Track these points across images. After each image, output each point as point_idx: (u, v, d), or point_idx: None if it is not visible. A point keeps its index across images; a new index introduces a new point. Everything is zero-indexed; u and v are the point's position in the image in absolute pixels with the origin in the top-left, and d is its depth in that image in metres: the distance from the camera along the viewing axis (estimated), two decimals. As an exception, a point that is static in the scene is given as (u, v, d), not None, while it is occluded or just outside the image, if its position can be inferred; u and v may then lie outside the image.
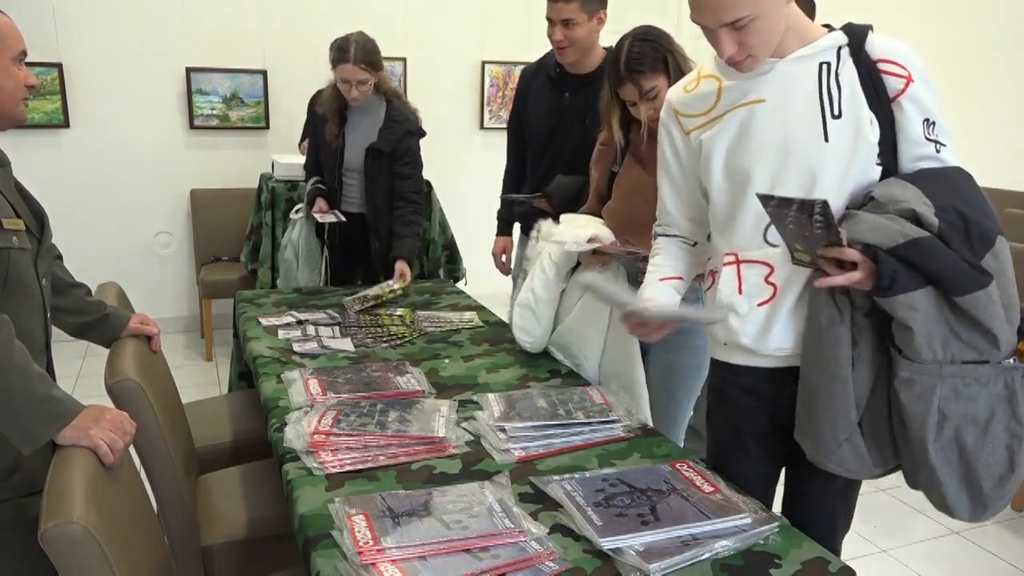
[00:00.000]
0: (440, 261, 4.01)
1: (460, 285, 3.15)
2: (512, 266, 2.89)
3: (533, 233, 2.22)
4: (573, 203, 2.38)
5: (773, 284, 1.43)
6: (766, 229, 1.42)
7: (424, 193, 3.91)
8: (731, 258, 1.47)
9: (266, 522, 1.82)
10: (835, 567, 1.25)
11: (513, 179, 2.86)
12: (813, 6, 2.70)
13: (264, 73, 4.46)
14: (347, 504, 1.33)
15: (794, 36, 1.37)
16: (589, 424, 1.70)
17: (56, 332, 1.65)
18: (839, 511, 1.58)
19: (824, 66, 1.37)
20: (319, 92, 4.22)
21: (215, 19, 4.34)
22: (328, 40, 4.16)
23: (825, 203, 1.21)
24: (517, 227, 2.87)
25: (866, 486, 1.57)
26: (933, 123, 1.37)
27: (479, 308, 2.65)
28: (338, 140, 2.96)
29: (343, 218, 2.97)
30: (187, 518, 1.73)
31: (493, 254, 2.94)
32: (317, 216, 2.98)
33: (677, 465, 1.53)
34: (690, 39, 2.05)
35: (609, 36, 2.27)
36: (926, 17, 4.45)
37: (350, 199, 3.04)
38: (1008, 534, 2.74)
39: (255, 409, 2.29)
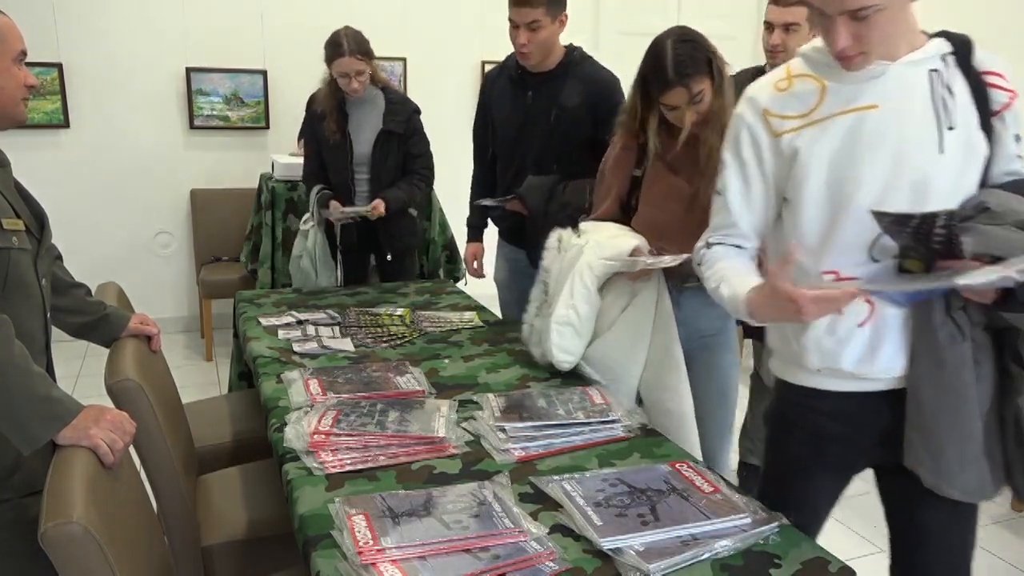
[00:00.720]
0: (440, 261, 4.01)
1: (460, 285, 3.15)
2: (495, 271, 2.84)
3: (552, 243, 2.10)
4: (547, 203, 2.37)
5: (870, 301, 1.33)
6: (872, 244, 1.31)
7: (424, 194, 3.92)
8: (831, 277, 1.34)
9: (266, 522, 1.82)
10: (835, 567, 1.25)
11: (481, 184, 2.84)
12: None
13: (264, 73, 4.46)
14: (347, 504, 1.33)
15: (906, 39, 1.30)
16: (589, 424, 1.70)
17: (56, 332, 1.65)
18: (970, 540, 1.47)
19: (934, 74, 1.29)
20: (316, 94, 4.24)
21: (215, 19, 4.34)
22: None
23: (951, 214, 1.15)
24: (488, 231, 2.87)
25: (866, 486, 1.56)
26: (1019, 137, 1.33)
27: (479, 308, 2.65)
28: (336, 136, 2.97)
29: (363, 211, 2.96)
30: (187, 518, 1.73)
31: (464, 260, 2.93)
32: (336, 218, 2.98)
33: (677, 465, 1.53)
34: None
35: (615, 36, 2.27)
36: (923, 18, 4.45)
37: (363, 195, 3.06)
38: (1008, 534, 2.74)
39: (255, 409, 2.29)
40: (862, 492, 1.59)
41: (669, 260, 1.82)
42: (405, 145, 3.02)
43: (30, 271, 1.48)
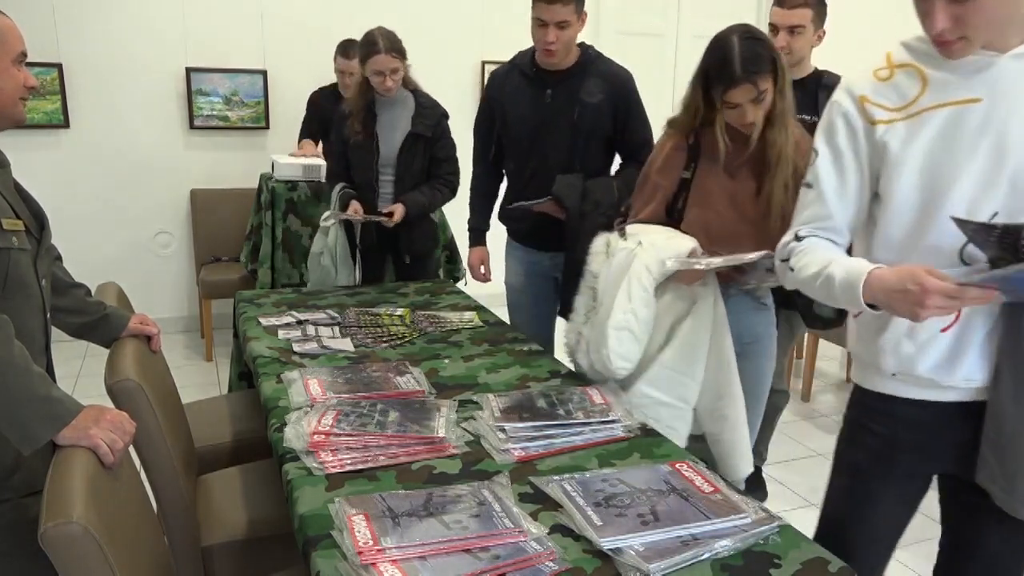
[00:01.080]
0: (440, 261, 4.01)
1: (460, 285, 3.14)
2: (506, 274, 2.79)
3: (598, 247, 2.02)
4: (581, 202, 2.36)
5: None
6: (963, 247, 1.24)
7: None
8: None
9: (266, 522, 1.82)
10: (835, 567, 1.25)
11: (485, 185, 2.80)
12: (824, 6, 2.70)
13: (264, 73, 4.46)
14: (347, 504, 1.33)
15: (1018, 29, 1.20)
16: (589, 424, 1.70)
17: (56, 332, 1.65)
18: (1023, 560, 1.42)
19: None
20: (319, 90, 4.25)
21: (215, 19, 4.34)
22: (328, 40, 4.18)
23: None
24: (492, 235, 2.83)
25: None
26: None
27: (479, 308, 2.65)
28: (360, 136, 2.97)
29: (379, 219, 2.97)
30: (187, 518, 1.73)
31: (470, 265, 2.87)
32: (354, 219, 3.00)
33: (677, 465, 1.53)
34: (690, 39, 2.06)
35: (615, 36, 2.26)
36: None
37: (388, 196, 3.05)
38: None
39: (255, 409, 2.29)
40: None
41: (752, 257, 1.77)
42: (432, 149, 3.01)
43: (30, 271, 1.48)
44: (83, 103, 4.18)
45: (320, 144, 4.32)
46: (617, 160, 2.66)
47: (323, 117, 4.27)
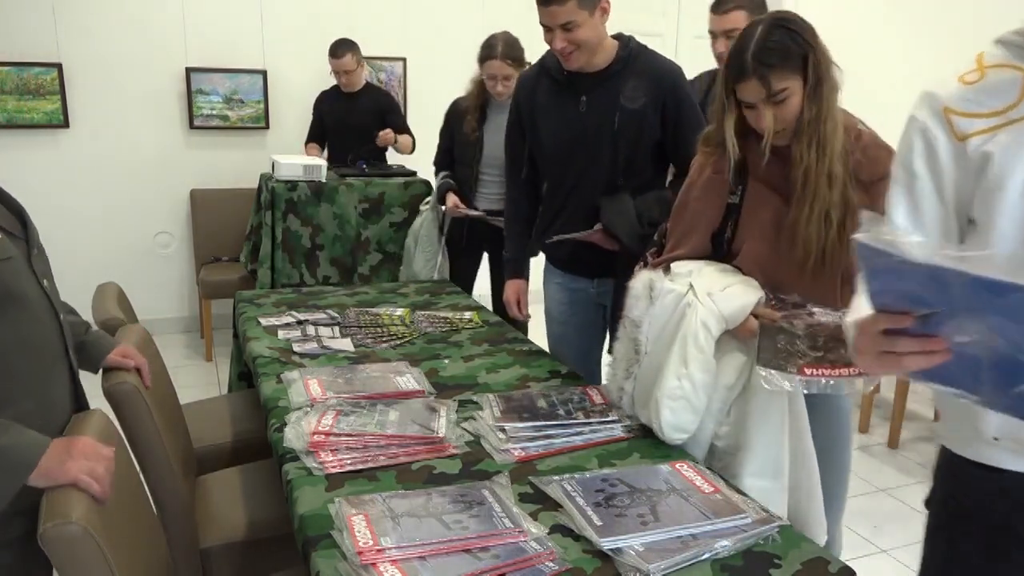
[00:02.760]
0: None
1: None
2: (546, 301, 2.45)
3: (639, 291, 1.70)
4: (640, 227, 2.06)
5: None
6: None
7: (424, 194, 3.93)
8: None
9: (266, 523, 1.82)
10: (835, 567, 1.25)
11: (522, 209, 2.42)
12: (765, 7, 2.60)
13: (264, 73, 4.46)
14: (347, 504, 1.33)
15: None
16: (589, 424, 1.70)
17: None
18: None
19: None
20: (322, 93, 4.32)
21: (215, 19, 4.34)
22: (328, 40, 4.18)
23: None
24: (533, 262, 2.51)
25: (866, 487, 1.53)
26: None
27: (479, 308, 2.64)
28: (475, 134, 3.09)
29: (477, 212, 3.11)
30: (186, 519, 1.72)
31: (505, 301, 2.48)
32: (450, 211, 3.16)
33: (677, 465, 1.52)
34: (690, 39, 2.03)
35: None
36: (927, 16, 4.46)
37: (487, 195, 3.13)
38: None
39: (255, 409, 2.29)
40: (862, 492, 1.58)
41: (826, 315, 1.48)
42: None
43: (22, 277, 1.33)
44: (83, 103, 4.18)
45: (326, 148, 4.37)
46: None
47: (327, 118, 4.31)
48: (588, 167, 2.17)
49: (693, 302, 1.59)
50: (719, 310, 1.58)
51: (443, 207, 3.24)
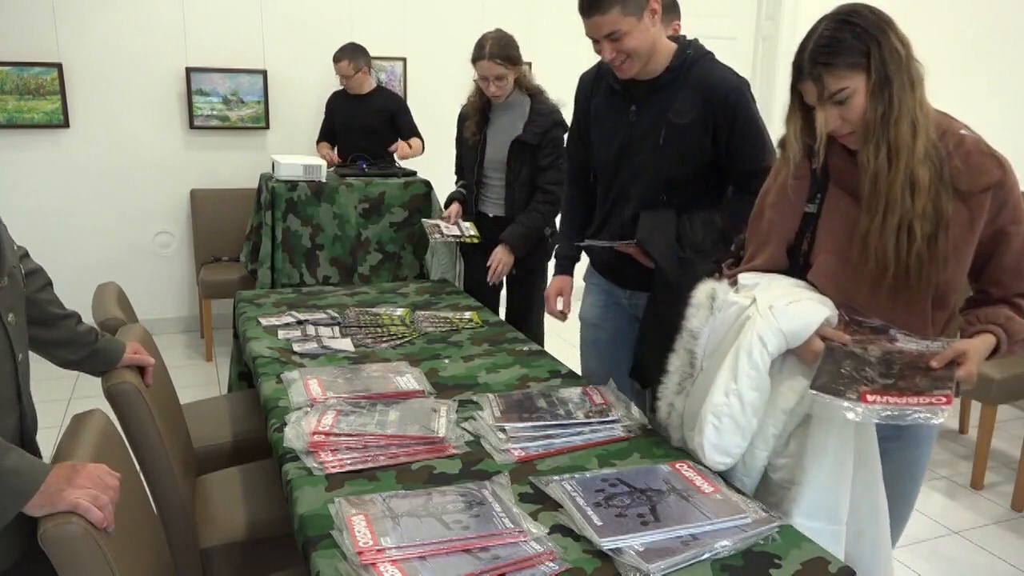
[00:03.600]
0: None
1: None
2: (582, 307, 2.37)
3: (701, 299, 1.55)
4: (679, 247, 1.96)
5: None
6: None
7: (424, 194, 3.93)
8: None
9: (266, 523, 1.82)
10: (835, 567, 1.25)
11: (577, 211, 2.36)
12: (677, 8, 2.55)
13: (264, 73, 4.46)
14: (347, 504, 1.33)
15: None
16: (589, 424, 1.70)
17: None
18: None
19: None
20: (334, 93, 4.34)
21: (215, 19, 4.34)
22: (328, 40, 4.19)
23: None
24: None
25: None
26: None
27: (479, 308, 2.65)
28: (476, 137, 3.02)
29: (466, 234, 3.01)
30: (186, 519, 1.72)
31: (547, 296, 2.42)
32: (442, 227, 3.05)
33: (677, 465, 1.52)
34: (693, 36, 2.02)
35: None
36: (929, 14, 4.46)
37: (489, 199, 3.08)
38: (1008, 534, 2.74)
39: (255, 409, 2.29)
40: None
41: (910, 343, 1.35)
42: (535, 157, 2.91)
43: None
44: (83, 103, 4.18)
45: (336, 147, 4.37)
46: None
47: (336, 118, 4.34)
48: (632, 179, 2.08)
49: (752, 314, 1.47)
50: (780, 325, 1.43)
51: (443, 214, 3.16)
